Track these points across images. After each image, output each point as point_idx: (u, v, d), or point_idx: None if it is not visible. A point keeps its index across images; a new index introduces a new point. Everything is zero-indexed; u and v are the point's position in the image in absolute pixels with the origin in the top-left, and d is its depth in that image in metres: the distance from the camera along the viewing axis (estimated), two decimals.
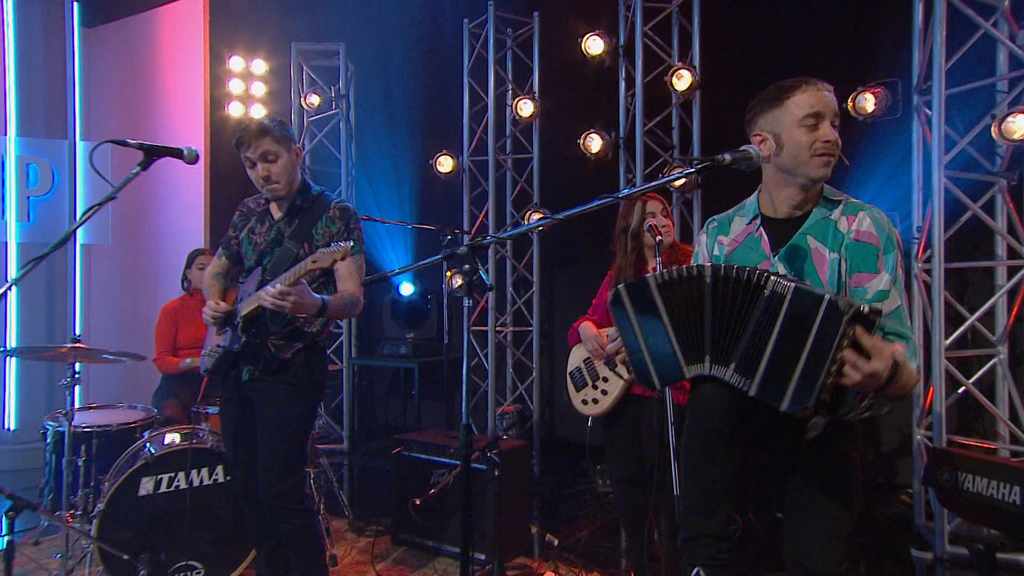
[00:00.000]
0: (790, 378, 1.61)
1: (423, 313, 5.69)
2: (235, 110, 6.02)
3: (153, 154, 2.32)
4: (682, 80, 4.42)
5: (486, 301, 5.34)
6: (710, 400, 1.85)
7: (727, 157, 1.80)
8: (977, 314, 3.56)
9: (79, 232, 5.41)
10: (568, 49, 4.91)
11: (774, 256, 1.92)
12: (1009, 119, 3.32)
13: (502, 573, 1.79)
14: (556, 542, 3.66)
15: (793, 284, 1.65)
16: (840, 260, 1.85)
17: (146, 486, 3.08)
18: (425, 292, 5.70)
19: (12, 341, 5.25)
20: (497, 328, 5.31)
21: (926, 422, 3.66)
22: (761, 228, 1.98)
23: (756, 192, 2.07)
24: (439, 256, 2.10)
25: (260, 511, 2.77)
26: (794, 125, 1.85)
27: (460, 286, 5.31)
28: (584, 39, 4.70)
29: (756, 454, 1.96)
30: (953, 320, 3.60)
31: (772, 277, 1.68)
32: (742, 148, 1.83)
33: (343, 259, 2.39)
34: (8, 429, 5.38)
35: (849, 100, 3.81)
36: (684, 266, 1.89)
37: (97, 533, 2.93)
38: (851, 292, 1.84)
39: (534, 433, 5.14)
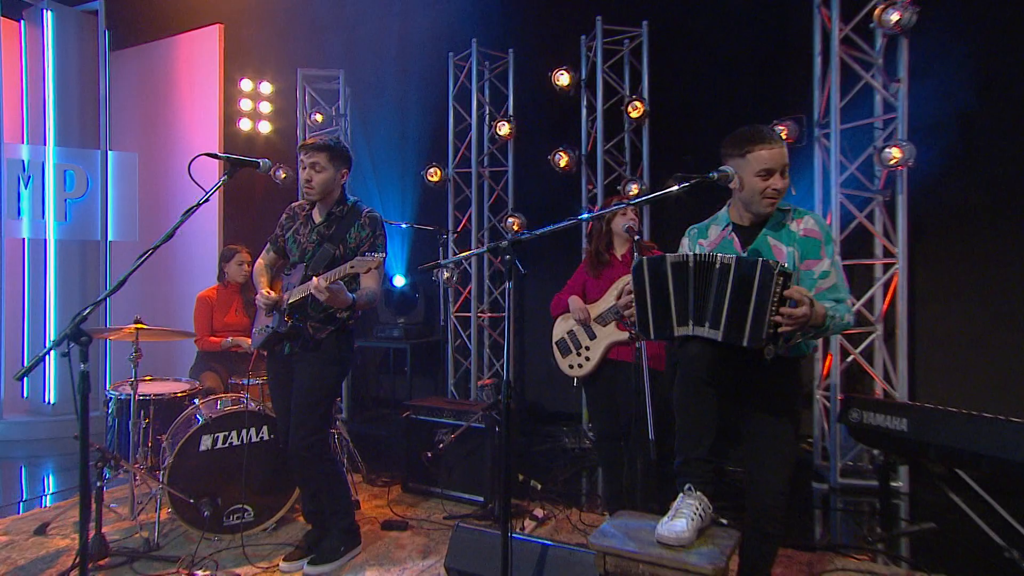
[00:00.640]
0: (745, 321, 1.96)
1: (412, 301, 6.01)
2: (244, 125, 6.19)
3: (237, 165, 2.56)
4: (635, 110, 4.88)
5: (468, 292, 5.70)
6: (695, 356, 2.10)
7: (715, 175, 2.15)
8: (862, 300, 4.16)
9: (109, 230, 5.51)
10: (539, 80, 5.26)
11: (744, 252, 2.25)
12: (885, 150, 3.90)
13: (505, 507, 2.11)
14: (539, 486, 3.97)
15: (735, 256, 2.03)
16: (794, 252, 2.20)
17: (206, 442, 3.28)
18: (414, 284, 6.02)
19: (51, 326, 5.31)
20: (478, 314, 5.67)
21: (824, 384, 4.24)
22: (733, 233, 2.31)
23: (727, 207, 2.37)
24: (484, 249, 2.39)
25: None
26: (751, 174, 2.15)
27: (448, 279, 5.66)
28: (553, 73, 5.08)
29: (729, 400, 2.22)
30: None
31: (720, 255, 2.04)
32: (722, 168, 2.17)
33: (376, 268, 2.68)
34: (48, 403, 5.43)
35: None
36: (687, 253, 2.16)
37: (167, 481, 3.16)
38: (802, 274, 2.17)
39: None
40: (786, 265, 2.01)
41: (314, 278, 2.68)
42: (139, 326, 3.49)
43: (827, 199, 4.17)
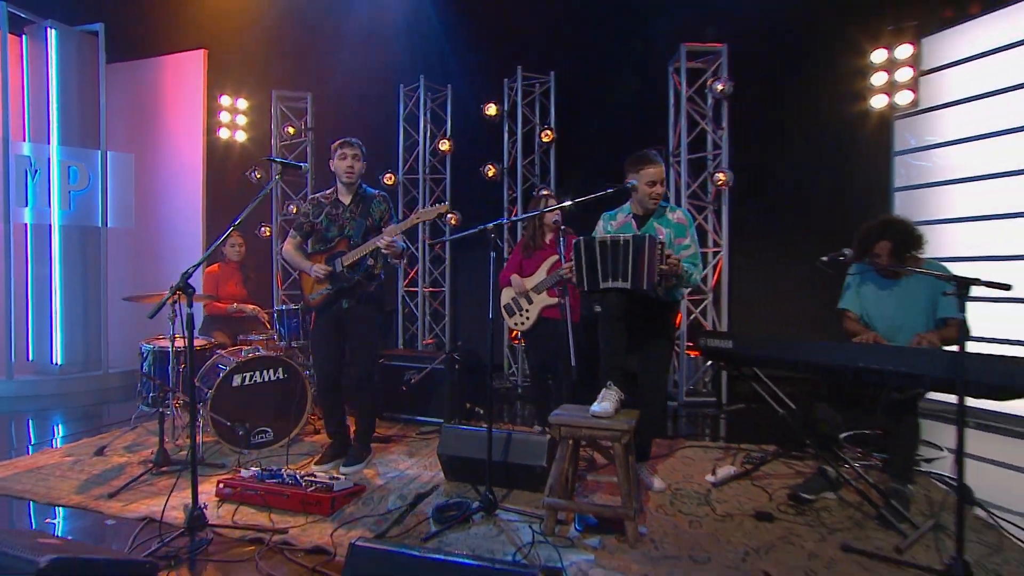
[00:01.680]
0: (642, 273, 2.49)
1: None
2: (224, 134, 6.25)
3: (288, 165, 2.94)
4: (546, 136, 5.54)
5: (415, 271, 6.17)
6: (613, 302, 2.60)
7: (628, 185, 2.77)
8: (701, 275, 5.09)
9: (108, 218, 5.45)
10: (472, 109, 5.77)
11: (639, 232, 2.77)
12: (715, 174, 4.84)
13: (489, 412, 2.65)
14: (481, 411, 4.50)
15: (633, 234, 2.64)
16: (670, 232, 2.80)
17: (236, 380, 3.57)
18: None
19: (57, 296, 5.17)
20: (423, 289, 6.16)
21: (676, 334, 5.15)
22: (632, 219, 2.94)
23: (629, 202, 2.94)
24: (475, 229, 2.80)
25: (334, 392, 3.28)
26: (643, 183, 2.78)
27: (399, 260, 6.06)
28: (484, 105, 5.63)
29: (635, 328, 2.71)
30: None
31: (623, 235, 2.57)
32: (631, 182, 2.76)
33: (441, 216, 3.02)
34: (56, 364, 5.31)
35: None
36: (606, 234, 2.67)
37: (210, 408, 3.45)
38: (676, 247, 2.73)
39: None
40: (663, 239, 2.71)
41: (392, 234, 2.97)
42: (179, 292, 3.66)
43: (679, 205, 5.08)
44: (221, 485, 2.83)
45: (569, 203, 2.87)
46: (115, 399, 5.15)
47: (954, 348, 2.19)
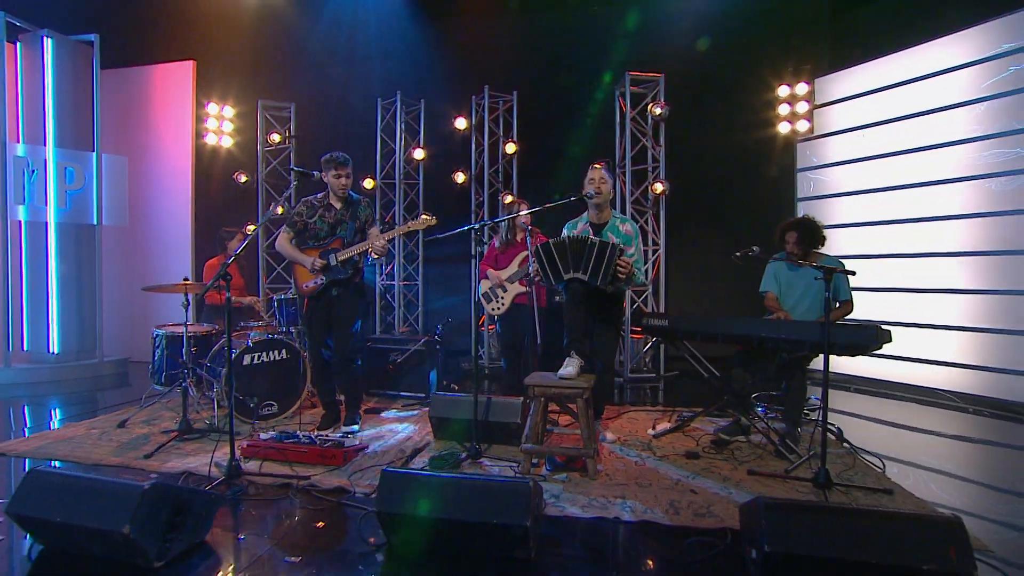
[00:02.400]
0: (600, 272, 2.85)
1: None
2: (211, 140, 6.40)
3: (304, 174, 3.29)
4: (510, 148, 6.00)
5: (392, 267, 6.53)
6: (576, 288, 2.98)
7: (586, 195, 3.17)
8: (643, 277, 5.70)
9: (103, 216, 5.54)
10: (443, 122, 6.18)
11: (594, 238, 3.21)
12: (655, 184, 5.45)
13: (476, 381, 3.03)
14: (456, 387, 4.90)
15: (598, 239, 3.02)
16: (620, 240, 3.22)
17: (247, 360, 3.85)
18: None
19: (54, 288, 5.21)
20: (400, 282, 6.53)
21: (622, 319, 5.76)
22: (588, 226, 3.36)
23: (587, 212, 3.31)
24: (467, 227, 3.22)
25: (328, 369, 3.59)
26: (587, 186, 3.21)
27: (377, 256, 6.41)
28: (454, 118, 6.07)
29: (591, 313, 3.08)
30: None
31: (590, 237, 3.00)
32: (587, 192, 3.17)
33: (424, 228, 3.45)
34: (52, 352, 5.35)
35: None
36: (567, 236, 3.01)
37: (224, 384, 3.72)
38: (626, 252, 3.06)
39: None
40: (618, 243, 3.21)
41: (376, 240, 3.37)
42: (187, 282, 3.95)
43: (624, 211, 5.69)
44: (245, 445, 3.16)
45: (539, 208, 3.36)
46: (109, 385, 5.26)
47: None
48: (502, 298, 4.17)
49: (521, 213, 3.87)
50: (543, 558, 2.10)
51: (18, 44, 5.27)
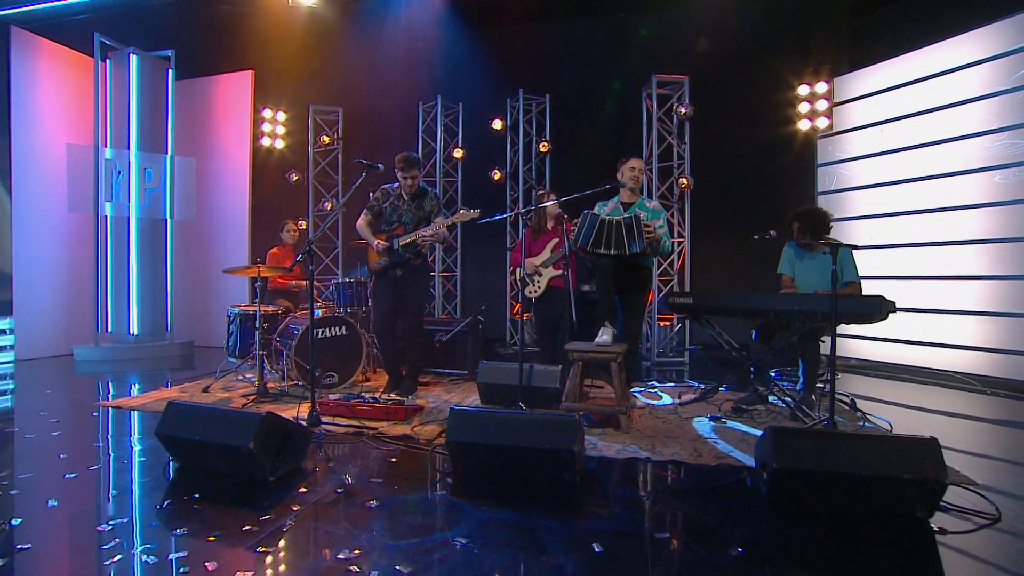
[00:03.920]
0: (635, 240, 3.42)
1: None
2: (266, 142, 6.97)
3: (370, 166, 3.70)
4: (544, 147, 6.41)
5: (432, 259, 6.99)
6: (605, 263, 3.39)
7: (619, 183, 3.66)
8: (670, 246, 6.04)
9: (175, 211, 6.14)
10: (481, 124, 6.59)
11: (626, 214, 3.66)
12: (680, 179, 5.79)
13: (521, 351, 3.43)
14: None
15: (624, 216, 3.45)
16: (649, 215, 3.66)
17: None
18: None
19: (134, 274, 5.81)
20: (440, 273, 6.99)
21: (649, 309, 6.11)
22: (619, 205, 3.79)
23: (618, 194, 3.84)
24: (510, 214, 3.72)
25: (391, 341, 3.99)
26: (627, 174, 3.71)
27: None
28: (491, 120, 6.49)
29: (620, 286, 3.50)
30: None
31: (617, 217, 3.48)
32: (621, 180, 3.68)
33: (474, 220, 3.79)
34: (132, 334, 5.94)
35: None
36: (606, 218, 3.47)
37: (294, 354, 4.17)
38: (655, 224, 3.50)
39: None
40: (645, 217, 3.59)
41: (439, 226, 3.77)
42: (260, 266, 4.43)
43: None
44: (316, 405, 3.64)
45: (576, 195, 3.79)
46: (179, 365, 5.76)
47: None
48: (538, 282, 4.53)
49: (551, 202, 4.27)
50: (586, 483, 2.51)
51: (107, 61, 5.90)
